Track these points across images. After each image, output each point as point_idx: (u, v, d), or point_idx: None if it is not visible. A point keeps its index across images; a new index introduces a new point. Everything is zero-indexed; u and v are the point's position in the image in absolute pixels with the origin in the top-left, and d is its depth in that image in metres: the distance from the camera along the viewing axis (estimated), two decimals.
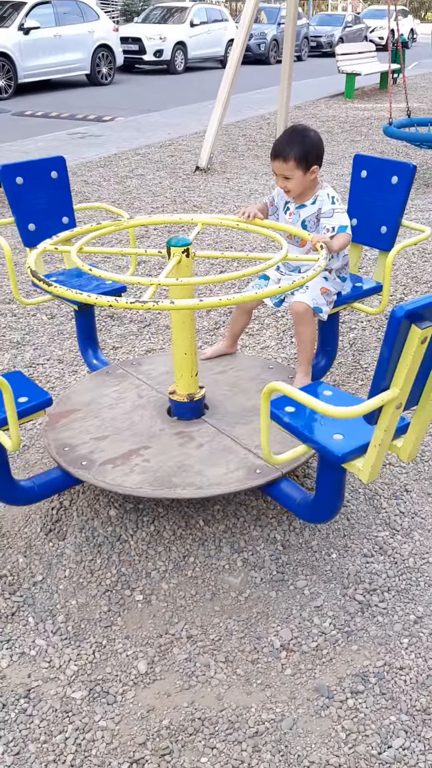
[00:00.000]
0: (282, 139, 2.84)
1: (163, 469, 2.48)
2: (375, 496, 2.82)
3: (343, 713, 1.99)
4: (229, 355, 3.24)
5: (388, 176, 3.15)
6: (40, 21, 15.02)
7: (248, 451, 2.56)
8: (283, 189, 2.90)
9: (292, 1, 8.82)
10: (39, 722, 2.00)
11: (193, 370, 2.69)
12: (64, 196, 3.30)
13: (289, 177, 2.84)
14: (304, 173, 2.83)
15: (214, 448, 2.58)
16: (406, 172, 3.11)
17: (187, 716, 2.00)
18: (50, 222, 3.24)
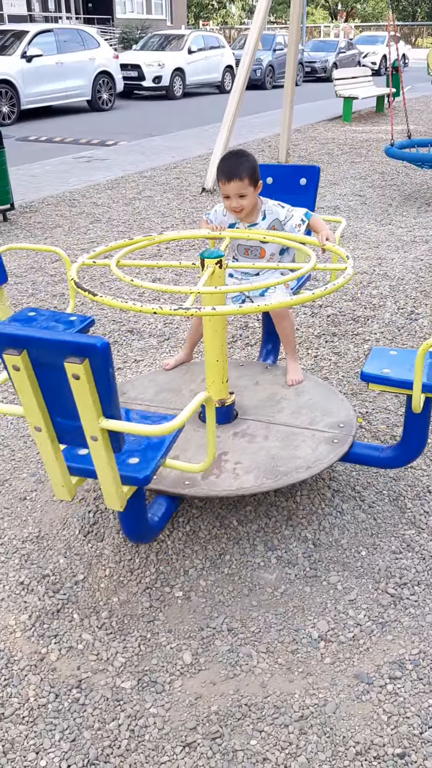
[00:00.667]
0: (231, 162, 2.95)
1: (259, 463, 2.61)
2: (399, 497, 2.93)
3: (383, 697, 2.08)
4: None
5: (296, 179, 3.45)
6: (42, 49, 15.34)
7: (309, 429, 2.76)
8: (237, 209, 2.99)
9: (294, 27, 9.08)
10: (92, 711, 2.09)
11: (224, 376, 2.80)
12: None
13: (244, 195, 2.95)
14: (255, 189, 2.98)
15: (281, 437, 2.74)
16: (314, 173, 3.46)
17: (233, 702, 2.09)
18: None
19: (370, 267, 5.70)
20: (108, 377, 1.76)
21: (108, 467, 1.97)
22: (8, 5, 27.98)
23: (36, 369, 1.79)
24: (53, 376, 1.79)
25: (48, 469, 2.06)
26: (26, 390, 1.81)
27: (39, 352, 1.76)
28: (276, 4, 46.78)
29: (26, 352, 1.75)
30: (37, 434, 1.94)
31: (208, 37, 22.27)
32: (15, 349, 1.73)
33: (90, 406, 1.79)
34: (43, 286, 5.39)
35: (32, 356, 1.77)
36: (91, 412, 1.80)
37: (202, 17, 54.21)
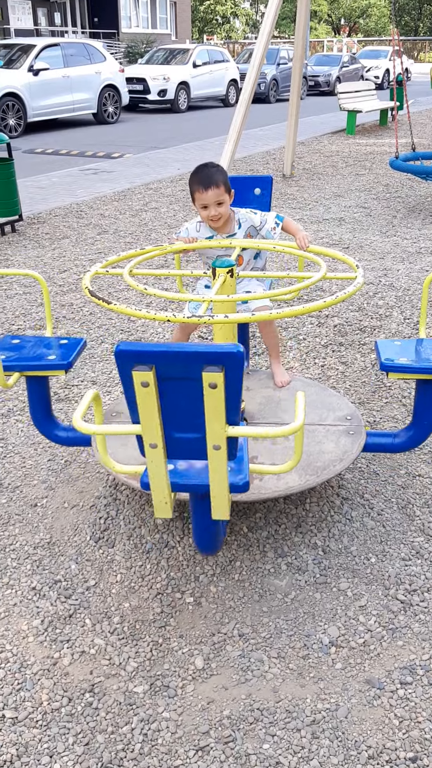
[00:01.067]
0: (205, 172, 2.98)
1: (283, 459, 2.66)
2: (408, 505, 2.95)
3: (395, 702, 2.10)
4: None
5: (250, 188, 3.50)
6: (49, 63, 15.48)
7: (323, 425, 2.84)
8: (215, 217, 2.99)
9: (300, 42, 9.17)
10: (105, 714, 2.10)
11: None
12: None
13: (221, 202, 2.98)
14: (230, 197, 3.02)
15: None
16: (267, 183, 3.50)
17: (246, 707, 2.10)
18: None
19: (376, 278, 5.74)
20: (238, 385, 1.80)
21: (225, 476, 1.98)
22: (15, 19, 28.31)
23: (161, 384, 1.81)
24: (180, 390, 1.81)
25: (156, 486, 2.03)
26: (150, 406, 1.82)
27: (170, 367, 1.77)
28: (280, 18, 47.17)
29: (155, 367, 1.77)
30: (151, 451, 1.93)
31: (213, 52, 22.45)
32: (146, 365, 1.75)
33: (220, 415, 1.81)
34: (51, 296, 5.43)
35: (159, 372, 1.78)
36: (219, 421, 1.83)
37: (207, 32, 54.69)
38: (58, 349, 2.83)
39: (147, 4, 34.88)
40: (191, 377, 1.77)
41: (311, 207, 8.33)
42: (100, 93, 16.91)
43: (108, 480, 3.09)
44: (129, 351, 1.74)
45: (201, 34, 53.12)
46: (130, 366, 1.76)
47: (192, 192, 3.01)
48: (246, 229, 3.12)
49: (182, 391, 1.81)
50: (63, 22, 30.99)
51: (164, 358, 1.76)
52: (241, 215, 3.12)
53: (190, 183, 3.02)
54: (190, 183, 3.02)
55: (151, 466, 1.97)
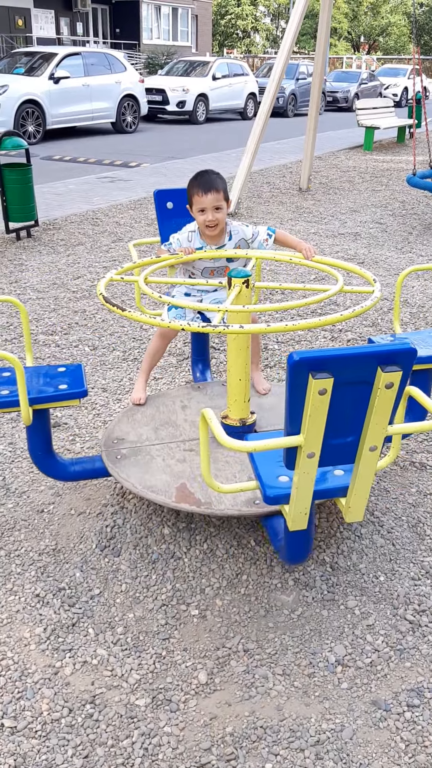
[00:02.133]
0: (206, 177, 2.99)
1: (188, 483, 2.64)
2: (418, 524, 2.91)
3: (401, 725, 2.05)
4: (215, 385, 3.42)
5: (166, 202, 3.49)
6: (69, 71, 15.59)
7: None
8: (213, 222, 2.98)
9: (320, 58, 9.20)
10: (105, 727, 2.07)
11: (246, 396, 2.81)
12: None
13: (219, 207, 2.97)
14: (227, 206, 3.02)
15: None
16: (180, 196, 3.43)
17: (249, 725, 2.06)
18: None
19: (391, 294, 5.70)
20: (406, 382, 1.82)
21: (371, 478, 2.01)
22: (38, 28, 28.59)
23: (334, 391, 1.80)
24: (349, 394, 1.81)
25: (302, 496, 2.01)
26: (322, 414, 1.81)
27: (348, 371, 1.78)
28: (300, 34, 47.45)
29: (334, 373, 1.77)
30: (307, 462, 1.91)
31: (233, 65, 22.57)
32: (326, 372, 1.74)
33: (387, 415, 1.83)
34: (64, 302, 5.43)
35: (337, 378, 1.78)
36: (384, 421, 1.85)
37: (227, 45, 55.08)
38: (64, 378, 2.74)
39: (169, 17, 35.18)
40: (363, 380, 1.79)
41: (327, 221, 8.32)
42: (119, 102, 17.01)
43: (115, 488, 3.07)
44: (308, 359, 1.73)
45: (221, 47, 53.50)
46: (306, 374, 1.75)
47: (191, 196, 3.00)
48: (237, 241, 3.10)
49: (351, 396, 1.82)
50: (85, 32, 31.29)
51: (344, 362, 1.77)
52: (232, 227, 3.10)
53: (189, 187, 3.02)
54: (189, 187, 3.01)
55: (304, 477, 1.95)
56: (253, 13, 57.26)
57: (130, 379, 4.18)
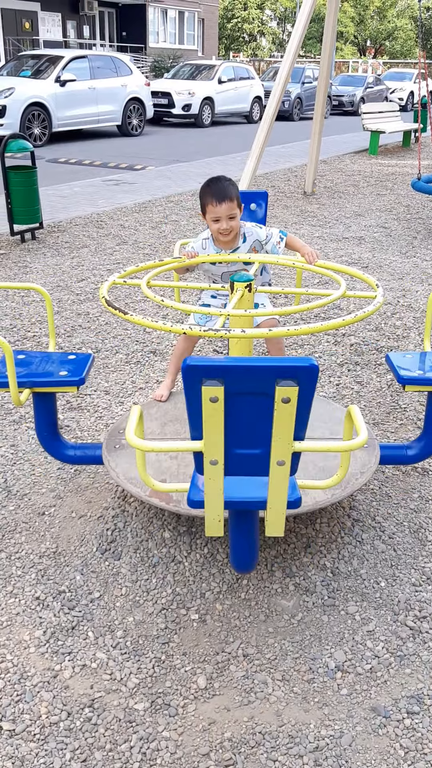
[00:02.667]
0: (219, 185, 2.97)
1: (316, 477, 2.62)
2: (420, 529, 2.90)
3: (401, 732, 2.04)
4: None
5: (247, 204, 3.50)
6: (76, 74, 15.63)
7: (335, 440, 2.81)
8: (227, 230, 2.98)
9: (326, 62, 9.20)
10: (104, 731, 2.06)
11: None
12: None
13: (233, 216, 2.97)
14: (240, 211, 3.02)
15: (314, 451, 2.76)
16: (262, 198, 3.55)
17: (248, 730, 2.06)
18: None
19: (395, 298, 5.70)
20: (311, 398, 1.78)
21: (285, 493, 1.97)
22: (45, 31, 28.68)
23: (228, 399, 1.79)
24: (248, 405, 1.79)
25: (212, 503, 2.02)
26: (217, 422, 1.81)
27: (241, 381, 1.76)
28: (306, 38, 47.55)
29: (225, 382, 1.75)
30: (211, 468, 1.91)
31: (239, 68, 22.60)
32: (216, 380, 1.74)
33: (288, 430, 1.80)
34: (68, 304, 5.44)
35: (228, 387, 1.77)
36: (287, 436, 1.81)
37: (233, 49, 55.17)
38: (69, 365, 2.79)
39: (175, 20, 35.25)
40: (262, 392, 1.75)
41: (331, 225, 8.31)
42: (125, 105, 17.04)
43: (116, 491, 3.06)
44: (198, 366, 1.72)
45: (227, 51, 53.59)
46: (199, 381, 1.73)
47: (204, 204, 3.00)
48: (251, 243, 3.10)
49: (250, 407, 1.78)
50: (92, 35, 31.37)
51: (235, 372, 1.74)
52: (246, 229, 3.10)
53: (201, 195, 3.01)
54: (202, 195, 3.00)
55: (210, 484, 1.94)
56: (260, 17, 57.35)
57: (133, 382, 4.18)
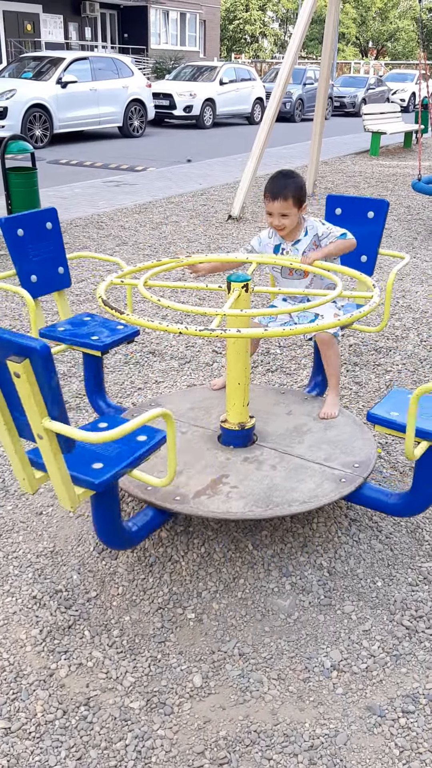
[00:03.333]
0: (277, 182, 3.03)
1: (256, 491, 2.60)
2: (417, 529, 2.90)
3: (396, 731, 2.05)
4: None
5: (364, 212, 3.47)
6: (77, 76, 15.66)
7: (321, 465, 2.74)
8: (279, 227, 3.07)
9: (326, 63, 9.21)
10: (99, 729, 2.06)
11: (245, 399, 2.81)
12: (58, 247, 3.38)
13: (286, 214, 3.03)
14: (299, 210, 3.05)
15: (289, 468, 2.73)
16: (382, 207, 3.47)
17: (243, 729, 2.06)
18: (49, 272, 3.33)
19: (394, 299, 5.70)
20: (49, 380, 1.81)
21: (54, 466, 2.00)
22: (46, 33, 28.71)
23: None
24: (5, 372, 1.85)
25: (11, 461, 2.14)
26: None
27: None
28: (308, 39, 47.59)
29: None
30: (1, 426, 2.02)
31: (240, 70, 22.62)
32: None
33: (33, 405, 1.84)
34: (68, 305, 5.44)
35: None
36: (34, 411, 1.86)
37: (235, 50, 55.22)
38: (110, 332, 3.17)
39: (177, 22, 35.28)
40: (2, 363, 1.82)
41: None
42: (126, 107, 17.07)
43: None
44: None
45: (229, 52, 53.64)
46: None
47: (264, 195, 3.06)
48: (312, 236, 3.14)
49: (6, 375, 1.85)
50: (93, 36, 31.40)
51: None
52: (309, 223, 3.15)
53: (265, 186, 3.06)
54: (265, 187, 3.06)
55: (3, 443, 2.06)
56: (262, 18, 57.40)
57: (132, 382, 4.18)
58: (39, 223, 3.28)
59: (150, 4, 32.45)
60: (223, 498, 2.56)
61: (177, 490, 2.60)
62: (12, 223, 3.15)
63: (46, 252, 3.30)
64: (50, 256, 3.33)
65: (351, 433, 3.01)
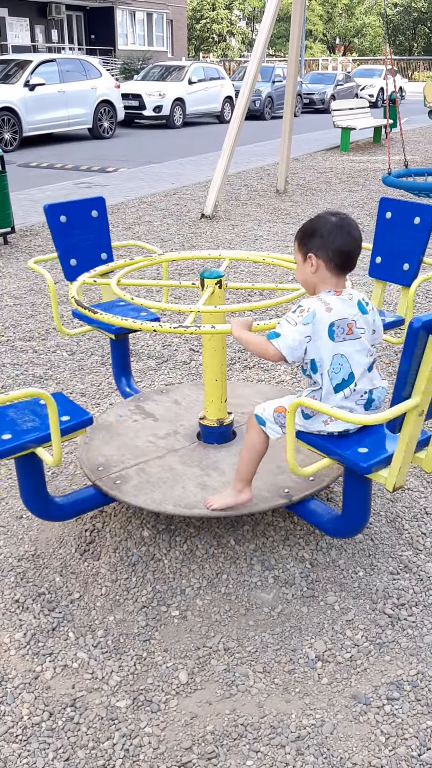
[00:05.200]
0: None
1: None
2: (396, 519, 2.93)
3: (381, 718, 2.06)
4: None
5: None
6: (45, 78, 15.56)
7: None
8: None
9: (293, 60, 9.25)
10: (86, 729, 2.06)
11: (222, 396, 2.81)
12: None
13: (296, 263, 2.37)
14: (303, 260, 2.29)
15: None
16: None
17: (230, 722, 2.07)
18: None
19: (369, 293, 5.74)
20: None
21: None
22: (12, 36, 28.50)
23: None
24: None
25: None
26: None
27: None
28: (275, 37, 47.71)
29: None
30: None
31: (209, 69, 22.62)
32: None
33: None
34: (42, 307, 5.42)
35: None
36: None
37: (203, 50, 55.21)
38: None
39: (144, 22, 35.21)
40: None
41: (304, 222, 8.34)
42: (95, 108, 16.99)
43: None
44: None
45: (197, 51, 53.63)
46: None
47: None
48: None
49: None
50: (60, 38, 31.22)
51: None
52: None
53: None
54: None
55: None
56: (228, 17, 57.46)
57: (109, 383, 4.17)
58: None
59: (116, 5, 32.34)
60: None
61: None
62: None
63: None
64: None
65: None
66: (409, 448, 2.07)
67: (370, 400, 2.32)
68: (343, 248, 2.21)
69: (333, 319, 2.20)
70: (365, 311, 2.28)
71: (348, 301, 2.25)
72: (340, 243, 2.21)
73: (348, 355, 2.24)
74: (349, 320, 2.23)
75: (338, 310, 2.21)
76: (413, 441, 2.06)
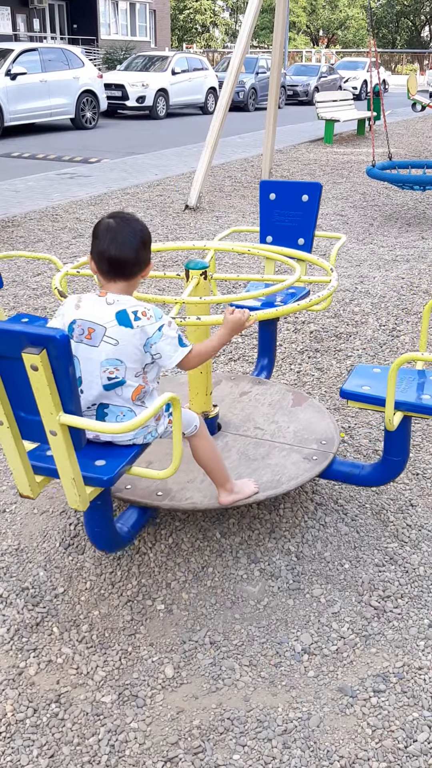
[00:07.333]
0: None
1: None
2: (382, 511, 2.92)
3: (368, 711, 2.06)
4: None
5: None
6: (26, 67, 15.38)
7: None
8: None
9: (277, 51, 9.20)
10: (71, 725, 2.04)
11: (208, 389, 2.79)
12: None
13: None
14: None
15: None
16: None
17: (216, 717, 2.05)
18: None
19: (352, 285, 5.74)
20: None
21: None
22: None
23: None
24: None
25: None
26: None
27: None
28: (259, 29, 47.53)
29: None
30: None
31: (192, 59, 22.48)
32: None
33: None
34: (24, 299, 5.36)
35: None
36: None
37: (186, 40, 54.88)
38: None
39: (126, 12, 34.92)
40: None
41: None
42: (78, 98, 16.84)
43: None
44: None
45: (180, 42, 53.29)
46: None
47: None
48: None
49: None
50: (42, 28, 30.87)
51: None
52: None
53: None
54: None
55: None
56: (212, 8, 57.14)
57: None
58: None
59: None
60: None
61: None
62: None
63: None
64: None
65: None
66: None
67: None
68: (103, 252, 2.13)
69: (75, 317, 2.13)
70: (128, 324, 2.10)
71: (105, 306, 2.12)
72: (104, 246, 2.13)
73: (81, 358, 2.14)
74: (90, 324, 2.12)
75: (86, 310, 2.13)
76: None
